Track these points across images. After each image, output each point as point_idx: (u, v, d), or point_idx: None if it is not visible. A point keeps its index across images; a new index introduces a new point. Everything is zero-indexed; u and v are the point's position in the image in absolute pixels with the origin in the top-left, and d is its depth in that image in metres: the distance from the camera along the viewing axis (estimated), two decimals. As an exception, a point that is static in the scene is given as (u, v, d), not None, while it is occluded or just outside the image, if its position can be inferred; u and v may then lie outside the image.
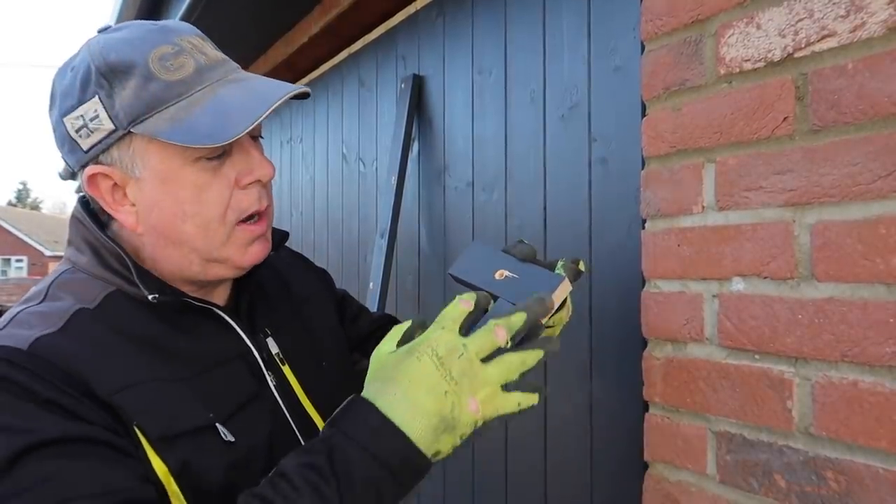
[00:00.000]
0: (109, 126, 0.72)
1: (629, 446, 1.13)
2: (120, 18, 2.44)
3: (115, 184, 0.75)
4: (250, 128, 0.70)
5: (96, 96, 0.72)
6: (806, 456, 0.78)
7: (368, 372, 0.70)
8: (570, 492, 1.30)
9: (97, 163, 0.74)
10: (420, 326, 0.71)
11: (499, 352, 0.67)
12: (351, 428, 0.63)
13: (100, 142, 0.73)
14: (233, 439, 0.73)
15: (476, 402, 0.64)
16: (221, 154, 0.74)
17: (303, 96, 0.78)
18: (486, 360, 0.66)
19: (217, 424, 0.72)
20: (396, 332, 0.71)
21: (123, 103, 0.71)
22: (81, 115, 0.73)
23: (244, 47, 2.64)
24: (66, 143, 0.75)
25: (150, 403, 0.69)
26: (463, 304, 0.69)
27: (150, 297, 0.73)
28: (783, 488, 0.80)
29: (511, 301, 0.81)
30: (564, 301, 0.88)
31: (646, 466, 1.01)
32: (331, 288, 1.08)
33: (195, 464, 0.69)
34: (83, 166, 0.75)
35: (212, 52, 0.77)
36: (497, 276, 0.84)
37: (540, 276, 0.82)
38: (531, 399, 0.67)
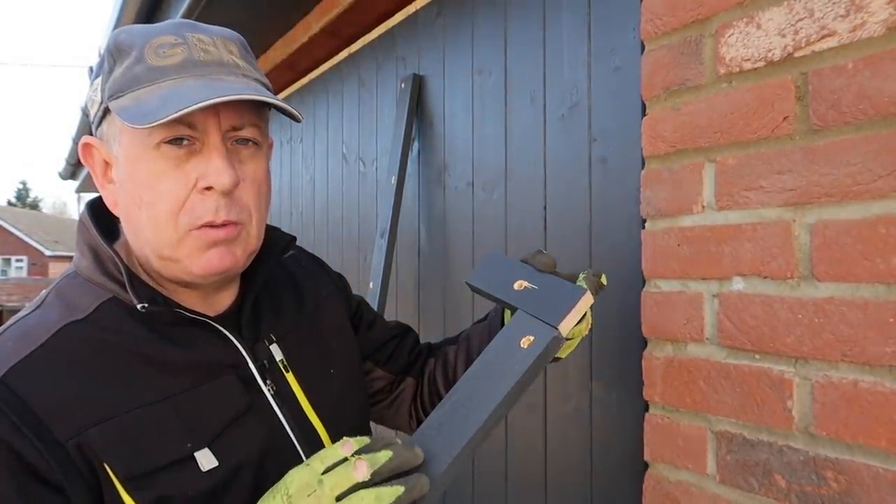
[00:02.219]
0: (99, 99, 0.75)
1: (629, 446, 1.13)
2: (120, 18, 2.44)
3: (106, 160, 0.77)
4: (171, 117, 0.67)
5: (102, 72, 0.76)
6: (806, 456, 0.78)
7: None
8: (570, 492, 1.30)
9: (94, 136, 0.78)
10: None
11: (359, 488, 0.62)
12: None
13: (95, 115, 0.76)
14: (216, 463, 0.72)
15: None
16: (182, 142, 0.72)
17: (286, 113, 0.76)
18: (343, 497, 0.62)
19: (195, 454, 0.71)
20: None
21: (112, 80, 0.73)
22: (94, 89, 0.77)
23: (244, 47, 2.64)
24: (89, 113, 0.79)
25: (122, 439, 0.68)
26: (343, 447, 0.64)
27: (139, 306, 0.72)
28: (783, 488, 0.80)
29: (532, 314, 0.80)
30: (584, 314, 0.85)
31: (646, 466, 1.01)
32: (346, 293, 1.05)
33: (171, 497, 0.68)
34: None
35: (221, 54, 0.75)
36: (516, 286, 0.82)
37: (561, 288, 0.80)
38: None
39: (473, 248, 1.64)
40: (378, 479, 0.62)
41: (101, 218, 0.80)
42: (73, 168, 7.45)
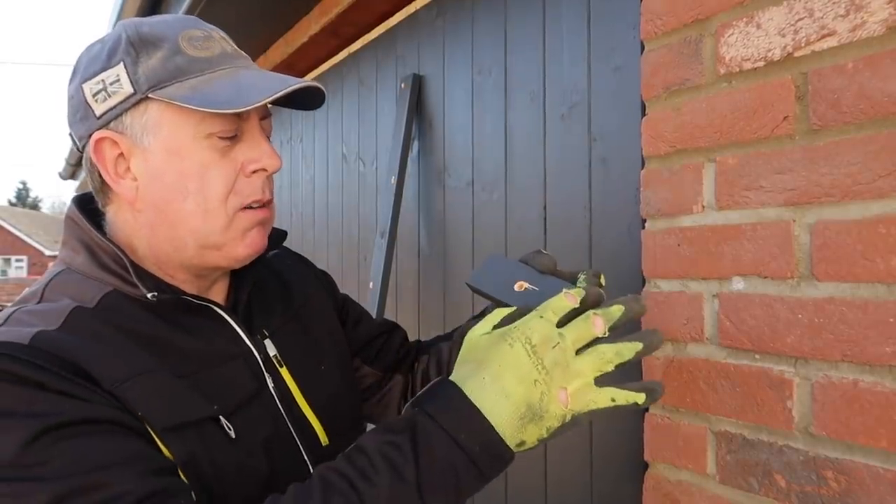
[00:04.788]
0: (129, 90, 0.73)
1: (629, 446, 1.13)
2: (119, 18, 2.44)
3: (121, 154, 0.75)
4: (267, 100, 0.71)
5: (122, 63, 0.73)
6: (806, 456, 0.78)
7: (460, 353, 0.69)
8: (570, 492, 1.30)
9: (108, 129, 0.75)
10: (522, 314, 0.69)
11: (595, 343, 0.65)
12: (435, 410, 0.63)
13: (115, 106, 0.73)
14: (234, 436, 0.73)
15: (566, 393, 0.63)
16: (233, 136, 0.75)
17: (318, 94, 0.79)
18: (581, 351, 0.65)
19: (221, 417, 0.72)
20: (496, 315, 0.70)
21: (147, 70, 0.72)
22: (102, 80, 0.74)
23: (244, 47, 2.64)
24: (80, 109, 0.76)
25: (153, 394, 0.68)
26: (569, 298, 0.67)
27: (149, 295, 0.72)
28: (783, 488, 0.80)
29: None
30: None
31: (646, 466, 1.01)
32: (332, 291, 1.06)
33: (201, 455, 0.69)
34: (91, 134, 0.75)
35: (236, 48, 0.80)
36: (517, 287, 0.82)
37: (561, 288, 0.81)
38: (631, 396, 0.64)
39: (473, 248, 1.64)
40: (612, 333, 0.65)
41: (90, 213, 0.80)
42: (73, 168, 7.45)
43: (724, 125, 0.88)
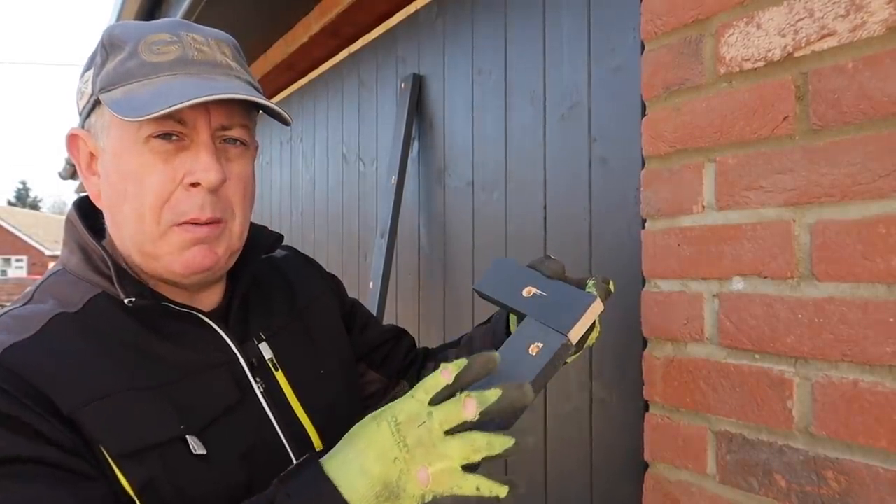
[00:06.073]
0: (90, 91, 0.75)
1: (629, 446, 1.13)
2: (119, 18, 2.44)
3: (91, 152, 0.78)
4: (162, 111, 0.67)
5: (94, 64, 0.76)
6: (806, 456, 0.78)
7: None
8: (571, 491, 1.30)
9: (83, 128, 0.79)
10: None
11: (466, 428, 0.63)
12: (294, 489, 0.64)
13: (84, 106, 0.77)
14: (204, 452, 0.71)
15: (427, 473, 0.62)
16: (171, 137, 0.72)
17: (276, 115, 0.78)
18: (452, 433, 0.63)
19: (188, 436, 0.71)
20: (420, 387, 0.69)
21: (105, 73, 0.74)
22: (84, 79, 0.78)
23: (244, 47, 2.64)
24: (77, 105, 0.80)
25: (115, 417, 0.67)
26: (443, 374, 0.65)
27: (126, 301, 0.72)
28: (783, 488, 0.80)
29: (541, 321, 0.78)
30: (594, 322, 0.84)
31: (646, 466, 1.01)
32: (340, 295, 1.05)
33: (161, 479, 0.68)
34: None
35: (215, 54, 0.77)
36: (525, 293, 0.81)
37: (570, 294, 0.79)
38: (495, 489, 0.63)
39: (473, 248, 1.64)
40: (485, 420, 0.63)
41: (89, 216, 0.81)
42: (74, 168, 7.45)
43: (724, 125, 0.88)
